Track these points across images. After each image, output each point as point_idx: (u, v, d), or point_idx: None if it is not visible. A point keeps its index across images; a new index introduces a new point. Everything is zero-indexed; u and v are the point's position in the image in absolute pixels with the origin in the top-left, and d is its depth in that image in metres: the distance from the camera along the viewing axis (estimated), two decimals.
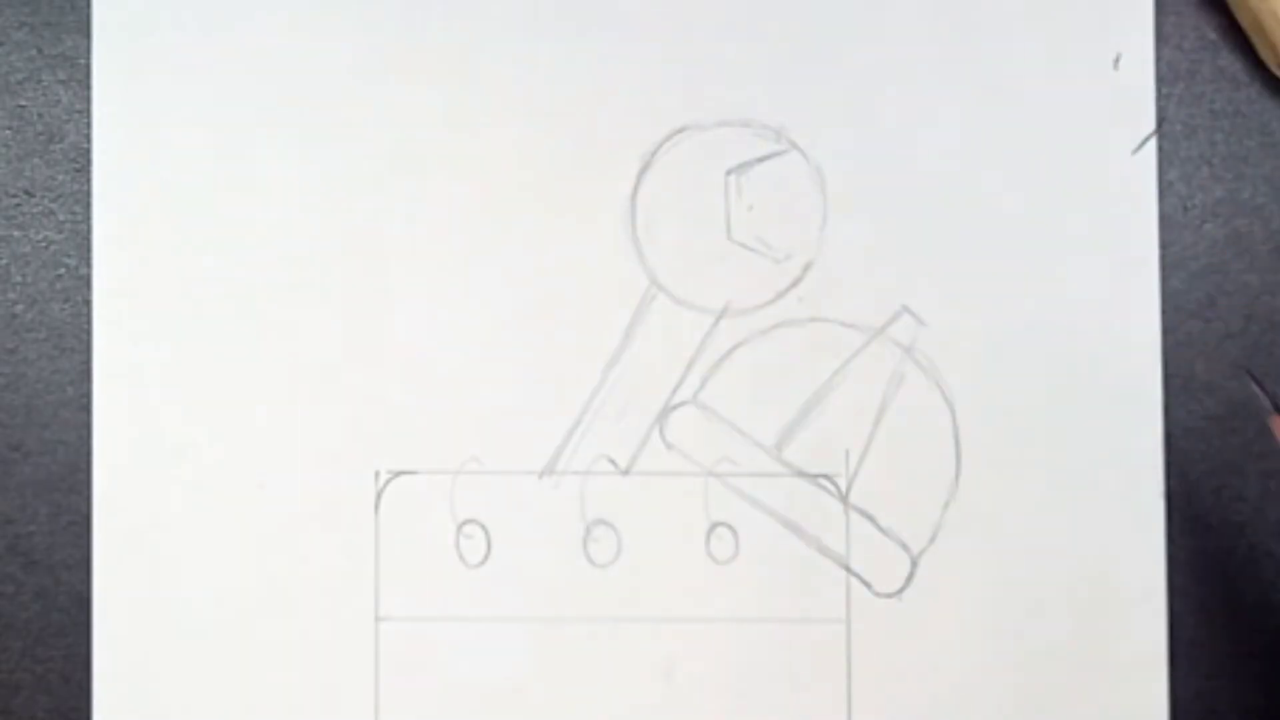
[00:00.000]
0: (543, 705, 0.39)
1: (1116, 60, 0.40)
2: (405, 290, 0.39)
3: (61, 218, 0.39)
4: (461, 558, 0.39)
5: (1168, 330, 0.40)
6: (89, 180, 0.39)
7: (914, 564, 0.39)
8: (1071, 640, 0.39)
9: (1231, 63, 0.40)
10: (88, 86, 0.39)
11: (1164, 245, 0.40)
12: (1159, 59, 0.40)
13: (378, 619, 0.39)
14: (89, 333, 0.39)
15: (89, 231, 0.39)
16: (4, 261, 0.39)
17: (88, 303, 0.39)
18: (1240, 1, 0.39)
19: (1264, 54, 0.39)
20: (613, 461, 0.39)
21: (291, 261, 0.39)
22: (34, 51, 0.40)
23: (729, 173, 0.40)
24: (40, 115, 0.40)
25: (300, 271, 0.39)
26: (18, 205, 0.39)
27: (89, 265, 0.39)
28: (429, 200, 0.39)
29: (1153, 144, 0.40)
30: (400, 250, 0.39)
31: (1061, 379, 0.39)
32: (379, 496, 0.39)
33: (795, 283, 0.39)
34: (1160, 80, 0.40)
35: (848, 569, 0.39)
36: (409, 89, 0.39)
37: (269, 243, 0.39)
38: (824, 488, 0.39)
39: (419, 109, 0.39)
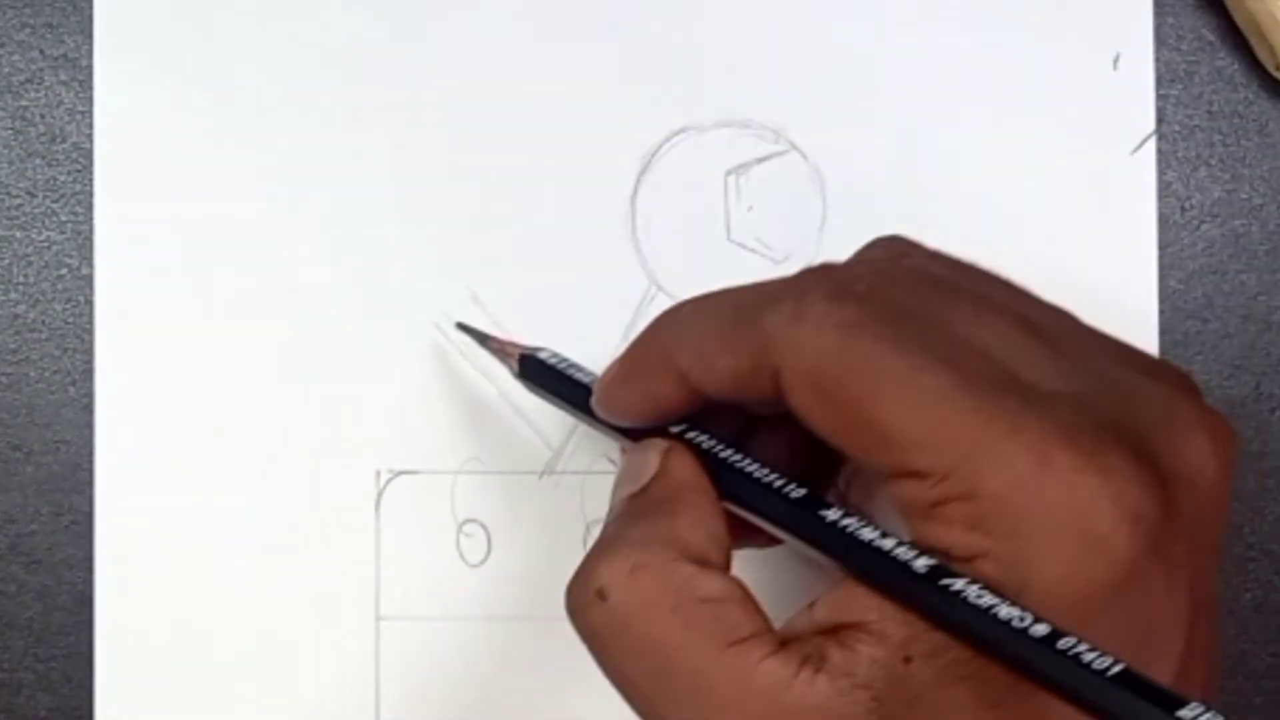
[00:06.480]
0: (543, 704, 0.39)
1: (1116, 60, 0.40)
2: (406, 290, 0.39)
3: (63, 218, 0.39)
4: (462, 557, 0.39)
5: (1165, 330, 0.40)
6: (91, 181, 0.39)
7: None
8: None
9: (1229, 64, 0.40)
10: (89, 87, 0.39)
11: (1161, 246, 0.40)
12: (1157, 60, 0.40)
13: (378, 618, 0.39)
14: (91, 333, 0.39)
15: (91, 232, 0.39)
16: (6, 261, 0.39)
17: (89, 303, 0.39)
18: (1238, 3, 0.39)
19: (1261, 55, 0.40)
20: (613, 461, 0.39)
21: (293, 262, 0.39)
22: (36, 53, 0.40)
23: (728, 173, 0.40)
24: (42, 116, 0.40)
25: (302, 272, 0.39)
26: (20, 206, 0.40)
27: (91, 265, 0.39)
28: (429, 201, 0.39)
29: (1151, 144, 0.40)
30: (401, 251, 0.39)
31: None
32: (380, 496, 0.39)
33: None
34: (1158, 81, 0.40)
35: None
36: (410, 90, 0.40)
37: (270, 243, 0.39)
38: None
39: (420, 110, 0.40)
